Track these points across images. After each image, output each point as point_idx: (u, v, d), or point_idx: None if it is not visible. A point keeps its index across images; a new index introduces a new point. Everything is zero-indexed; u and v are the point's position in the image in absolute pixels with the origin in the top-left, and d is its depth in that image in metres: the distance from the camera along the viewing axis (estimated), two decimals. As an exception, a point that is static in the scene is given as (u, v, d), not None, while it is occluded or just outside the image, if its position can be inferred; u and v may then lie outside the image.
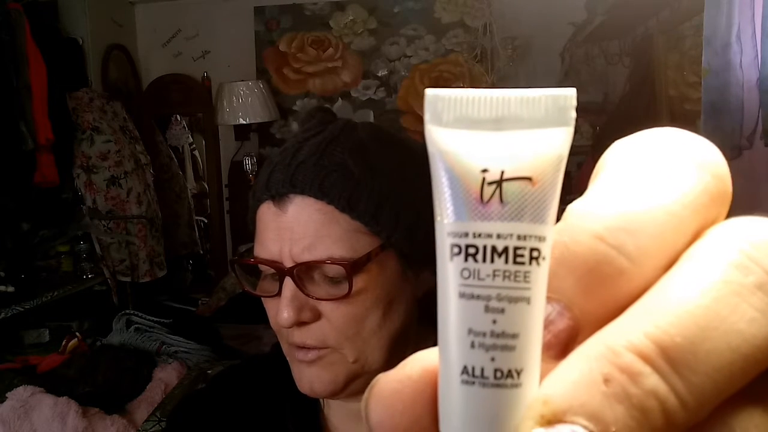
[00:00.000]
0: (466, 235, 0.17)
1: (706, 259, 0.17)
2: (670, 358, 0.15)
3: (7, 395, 1.89)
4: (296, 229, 0.65)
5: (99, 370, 2.08)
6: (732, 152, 2.03)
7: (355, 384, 0.68)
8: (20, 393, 1.88)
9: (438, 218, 0.17)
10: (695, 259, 0.17)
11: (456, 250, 0.17)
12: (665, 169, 0.18)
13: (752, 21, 1.87)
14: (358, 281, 0.65)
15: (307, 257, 0.65)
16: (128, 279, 2.91)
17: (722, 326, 0.15)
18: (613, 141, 0.20)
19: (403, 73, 3.45)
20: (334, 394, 0.68)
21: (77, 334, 2.33)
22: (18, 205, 2.53)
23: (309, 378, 0.67)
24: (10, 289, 2.34)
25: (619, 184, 0.18)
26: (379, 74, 3.48)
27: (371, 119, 3.41)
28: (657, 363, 0.15)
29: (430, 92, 0.17)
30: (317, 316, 0.66)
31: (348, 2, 3.45)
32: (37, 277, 2.59)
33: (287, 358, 0.71)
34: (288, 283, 0.65)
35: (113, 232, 2.88)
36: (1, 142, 2.38)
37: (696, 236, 0.18)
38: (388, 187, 0.66)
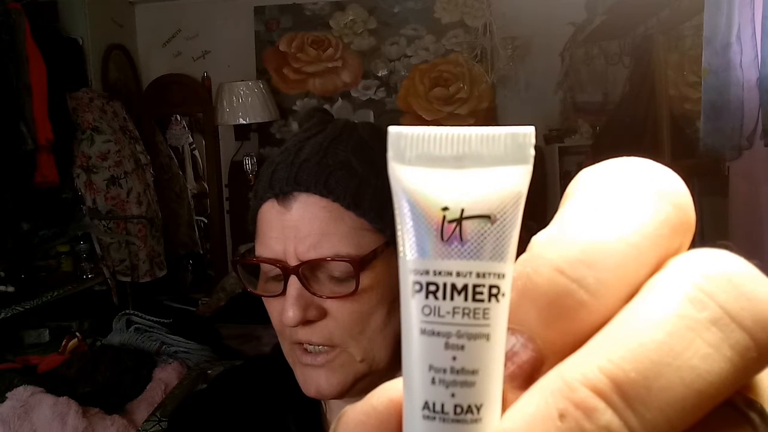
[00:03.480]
0: (427, 272, 0.17)
1: (662, 293, 0.17)
2: (624, 393, 0.15)
3: (7, 395, 1.89)
4: (301, 227, 0.65)
5: (99, 370, 2.09)
6: (732, 152, 2.02)
7: (363, 383, 0.68)
8: (20, 393, 1.88)
9: (401, 254, 0.17)
10: (652, 292, 0.17)
11: (417, 287, 0.17)
12: (626, 199, 0.18)
13: (752, 21, 1.86)
14: (364, 278, 0.64)
15: (312, 255, 0.64)
16: (128, 279, 2.91)
17: (676, 362, 0.16)
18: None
19: (403, 73, 3.45)
20: (342, 395, 0.68)
21: (77, 334, 2.33)
22: (18, 205, 2.53)
23: (316, 380, 0.67)
24: (10, 289, 2.34)
25: (580, 216, 0.18)
26: (379, 74, 3.48)
27: (371, 119, 3.41)
28: (611, 398, 0.15)
29: (393, 130, 0.18)
30: (323, 314, 0.66)
31: (348, 2, 3.45)
32: (37, 277, 2.59)
33: (288, 360, 0.70)
34: (293, 281, 0.65)
35: (113, 232, 2.88)
36: (1, 142, 2.38)
37: (658, 266, 0.18)
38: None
